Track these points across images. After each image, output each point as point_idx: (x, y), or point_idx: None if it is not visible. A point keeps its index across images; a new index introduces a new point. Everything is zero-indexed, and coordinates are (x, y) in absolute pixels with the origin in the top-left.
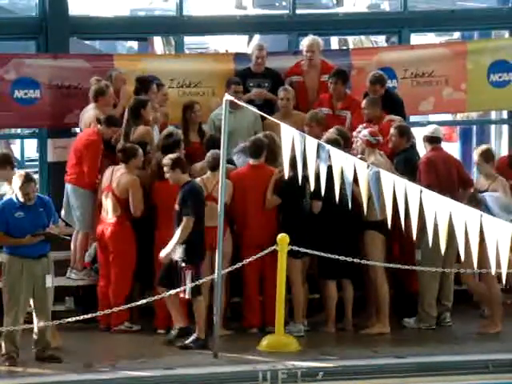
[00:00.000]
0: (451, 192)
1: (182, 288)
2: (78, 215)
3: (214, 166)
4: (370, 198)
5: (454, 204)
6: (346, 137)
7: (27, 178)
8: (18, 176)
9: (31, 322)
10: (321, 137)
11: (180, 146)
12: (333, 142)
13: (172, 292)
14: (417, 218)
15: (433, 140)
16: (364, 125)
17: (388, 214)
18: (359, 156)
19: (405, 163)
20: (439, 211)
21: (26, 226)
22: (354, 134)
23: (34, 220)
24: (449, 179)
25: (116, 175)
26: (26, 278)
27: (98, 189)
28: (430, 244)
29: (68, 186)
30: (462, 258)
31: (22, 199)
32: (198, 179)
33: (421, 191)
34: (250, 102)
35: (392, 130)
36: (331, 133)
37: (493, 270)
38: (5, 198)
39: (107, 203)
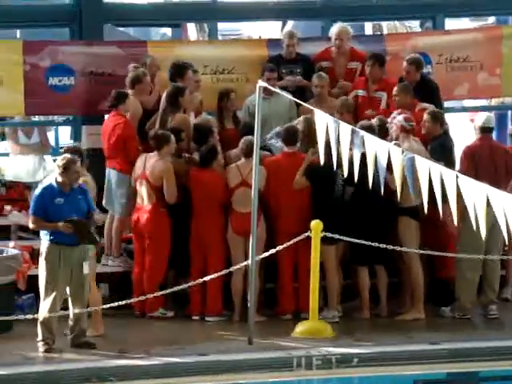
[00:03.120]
0: (496, 182)
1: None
2: (123, 201)
3: (247, 153)
4: (404, 184)
5: (490, 189)
6: (385, 125)
7: (73, 159)
8: (62, 158)
9: (66, 309)
10: (351, 123)
11: (213, 133)
12: (367, 129)
13: (207, 278)
14: (455, 204)
15: (483, 129)
16: (398, 111)
17: (424, 199)
18: (394, 142)
19: (440, 149)
20: (476, 197)
21: (64, 213)
22: (389, 120)
23: (73, 206)
24: (493, 170)
25: (149, 163)
26: (64, 265)
27: (132, 177)
28: (475, 227)
29: (111, 172)
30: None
31: (68, 180)
32: (232, 165)
33: (457, 177)
34: (283, 88)
35: (425, 116)
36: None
37: None
38: (44, 184)
39: (142, 191)
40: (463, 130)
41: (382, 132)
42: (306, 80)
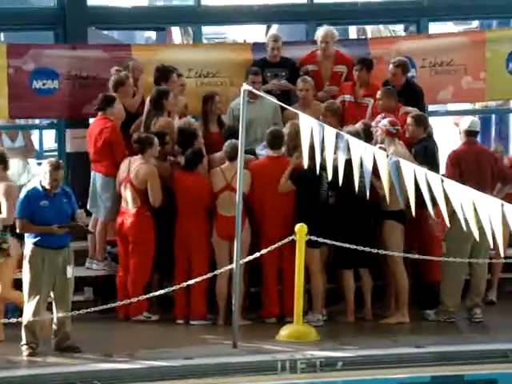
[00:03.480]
0: (482, 186)
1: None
2: (109, 205)
3: (232, 156)
4: (390, 188)
5: (476, 193)
6: (369, 129)
7: (58, 165)
8: (47, 162)
9: (51, 313)
10: (336, 127)
11: (197, 137)
12: (353, 134)
13: (192, 281)
14: (443, 207)
15: (468, 133)
16: (383, 114)
17: (412, 202)
18: (378, 146)
19: (424, 153)
20: (462, 201)
21: (49, 215)
22: (373, 124)
23: (57, 209)
24: (479, 174)
25: (133, 166)
26: (48, 268)
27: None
28: (464, 227)
29: (97, 176)
30: (491, 245)
31: (48, 186)
32: (217, 169)
33: (442, 180)
34: (267, 91)
35: (409, 120)
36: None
37: None
38: (28, 187)
39: (126, 194)
40: (447, 134)
41: (367, 136)
42: (291, 84)
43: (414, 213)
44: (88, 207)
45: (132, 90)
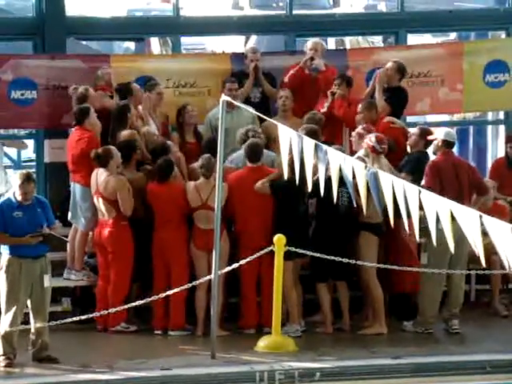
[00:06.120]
0: (460, 197)
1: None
2: (88, 215)
3: (207, 174)
4: (368, 200)
5: (454, 204)
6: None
7: (28, 178)
8: (18, 174)
9: (28, 323)
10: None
11: (168, 151)
12: (311, 133)
13: (170, 292)
14: (417, 219)
15: (445, 145)
16: (364, 125)
17: (390, 214)
18: (357, 156)
19: (416, 163)
20: (440, 212)
21: (23, 226)
22: (353, 133)
23: (31, 220)
24: (457, 184)
25: (100, 179)
26: (25, 277)
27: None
28: (435, 244)
29: (76, 186)
30: (477, 253)
31: (19, 198)
32: (191, 184)
33: (419, 192)
34: (246, 100)
35: (415, 130)
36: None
37: (507, 268)
38: (3, 198)
39: (100, 206)
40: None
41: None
42: (268, 96)
43: (392, 224)
44: (69, 218)
45: (98, 99)
